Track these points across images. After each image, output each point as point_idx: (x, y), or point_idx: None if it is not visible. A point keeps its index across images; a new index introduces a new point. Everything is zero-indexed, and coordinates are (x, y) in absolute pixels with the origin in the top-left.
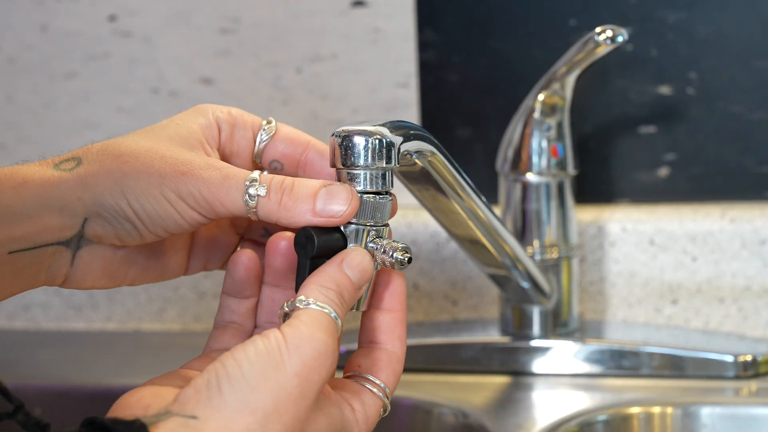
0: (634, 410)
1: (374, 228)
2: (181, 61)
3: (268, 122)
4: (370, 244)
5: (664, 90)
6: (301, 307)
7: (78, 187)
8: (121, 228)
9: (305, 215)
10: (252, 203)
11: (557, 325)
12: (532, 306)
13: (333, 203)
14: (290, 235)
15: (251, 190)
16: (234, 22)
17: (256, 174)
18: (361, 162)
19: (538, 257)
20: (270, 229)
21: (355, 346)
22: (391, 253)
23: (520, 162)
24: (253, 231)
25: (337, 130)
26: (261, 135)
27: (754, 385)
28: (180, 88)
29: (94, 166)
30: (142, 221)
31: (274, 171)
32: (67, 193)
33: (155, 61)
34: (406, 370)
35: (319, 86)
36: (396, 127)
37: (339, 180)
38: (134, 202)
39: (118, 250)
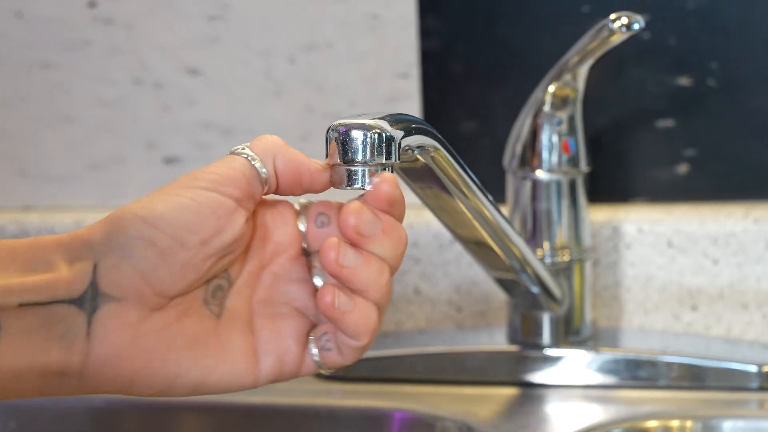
0: (652, 424)
1: None
2: (166, 49)
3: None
4: None
5: (684, 81)
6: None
7: (84, 233)
8: (138, 255)
9: (302, 156)
10: (243, 151)
11: (569, 332)
12: (541, 312)
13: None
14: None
15: (237, 149)
16: (222, 9)
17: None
18: (359, 158)
19: (548, 260)
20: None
21: None
22: None
23: (529, 158)
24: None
25: (334, 123)
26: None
27: None
28: (165, 79)
29: (111, 214)
30: (157, 227)
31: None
32: (75, 241)
33: (138, 50)
34: (407, 381)
35: (313, 77)
36: (396, 120)
37: (336, 177)
38: (142, 212)
39: (149, 316)
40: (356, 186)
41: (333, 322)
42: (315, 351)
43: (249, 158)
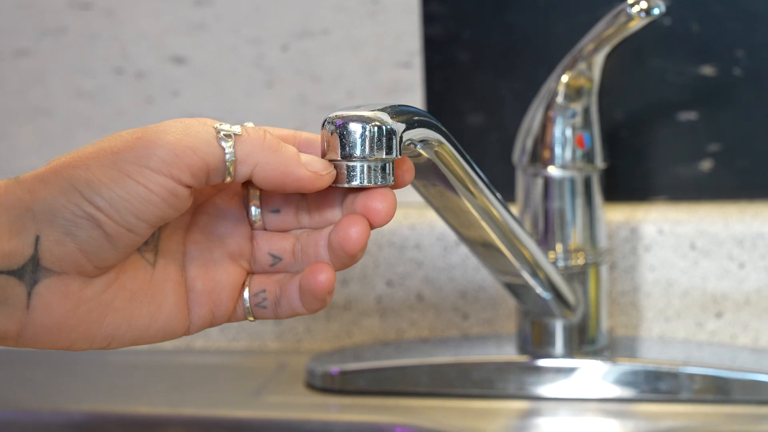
0: None
1: None
2: (149, 37)
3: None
4: None
5: (707, 71)
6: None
7: (25, 196)
8: (83, 236)
9: (293, 161)
10: (228, 144)
11: (583, 342)
12: (554, 320)
13: (315, 163)
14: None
15: (224, 128)
16: None
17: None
18: (358, 153)
19: (561, 264)
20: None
21: None
22: None
23: (540, 154)
24: (261, 258)
25: (330, 116)
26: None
27: None
28: (148, 68)
29: (41, 171)
30: (106, 213)
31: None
32: (16, 205)
33: (119, 37)
34: (409, 394)
35: (308, 66)
36: (398, 112)
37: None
38: (89, 192)
39: (89, 284)
40: (354, 183)
41: (304, 294)
42: (248, 305)
43: (225, 151)
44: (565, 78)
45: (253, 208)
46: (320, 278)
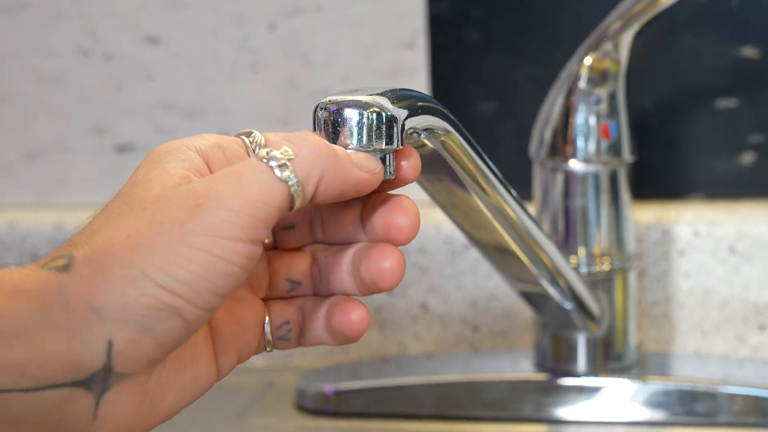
0: None
1: None
2: (120, 14)
3: (249, 134)
4: None
5: (749, 52)
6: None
7: (86, 292)
8: (161, 329)
9: (349, 165)
10: (286, 174)
11: (609, 358)
12: (576, 333)
13: (366, 162)
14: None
15: (274, 157)
16: None
17: (258, 136)
18: (354, 142)
19: (584, 270)
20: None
21: None
22: None
23: (560, 146)
24: (278, 284)
25: (323, 101)
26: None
27: None
28: (118, 50)
29: (88, 253)
30: (186, 299)
31: None
32: (75, 303)
33: (86, 14)
34: (411, 416)
35: (298, 47)
36: (399, 97)
37: None
38: (164, 278)
39: (152, 372)
40: None
41: (335, 335)
42: (269, 338)
43: (288, 183)
44: (588, 60)
45: None
46: (353, 318)
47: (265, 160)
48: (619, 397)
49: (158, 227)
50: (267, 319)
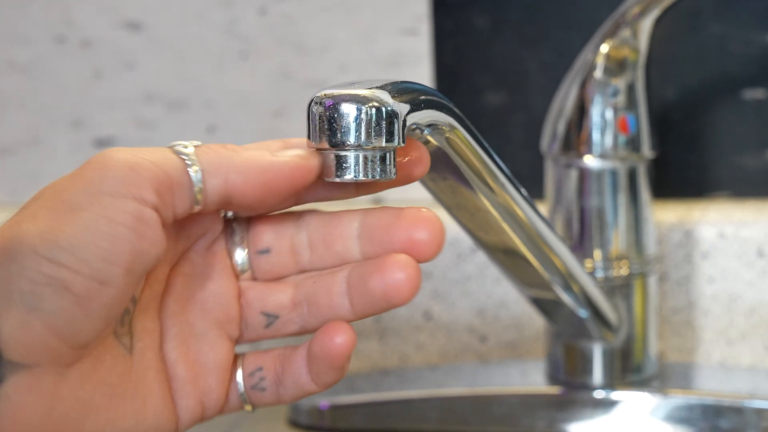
0: None
1: None
2: None
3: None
4: None
5: None
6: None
7: None
8: (50, 307)
9: (265, 154)
10: (187, 151)
11: (627, 370)
12: (591, 343)
13: (292, 149)
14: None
15: (179, 142)
16: None
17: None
18: (352, 140)
19: (600, 274)
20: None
21: None
22: None
23: (574, 140)
24: (252, 319)
25: (318, 94)
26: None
27: None
28: (96, 36)
29: None
30: (70, 268)
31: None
32: None
33: None
34: None
35: (291, 33)
36: (401, 90)
37: (324, 165)
38: (45, 247)
39: (63, 377)
40: (347, 177)
41: (317, 363)
42: (242, 389)
43: (184, 158)
44: (605, 48)
45: (238, 252)
46: (337, 341)
47: (169, 146)
48: (638, 411)
49: (43, 197)
50: (240, 368)
